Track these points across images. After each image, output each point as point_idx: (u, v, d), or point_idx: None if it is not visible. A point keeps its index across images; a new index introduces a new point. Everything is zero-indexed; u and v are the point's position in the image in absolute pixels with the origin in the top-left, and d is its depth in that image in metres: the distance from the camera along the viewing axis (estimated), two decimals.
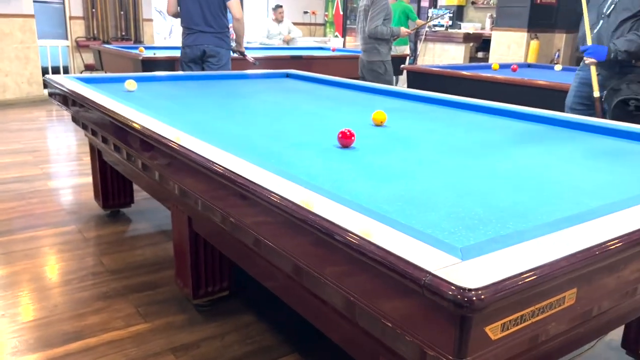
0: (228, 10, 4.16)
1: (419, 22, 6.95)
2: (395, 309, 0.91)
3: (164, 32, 9.41)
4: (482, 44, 8.38)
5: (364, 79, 4.75)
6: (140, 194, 3.25)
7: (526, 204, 1.24)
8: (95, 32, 8.08)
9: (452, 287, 0.78)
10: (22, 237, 2.83)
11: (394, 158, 1.69)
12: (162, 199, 2.34)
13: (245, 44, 4.60)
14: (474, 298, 0.77)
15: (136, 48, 5.54)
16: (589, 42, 2.96)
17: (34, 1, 7.44)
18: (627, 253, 1.00)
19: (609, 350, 1.92)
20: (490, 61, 6.73)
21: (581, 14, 3.07)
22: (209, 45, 4.12)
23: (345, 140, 1.76)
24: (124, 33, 8.28)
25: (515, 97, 3.18)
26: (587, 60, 2.92)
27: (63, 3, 8.04)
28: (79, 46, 7.97)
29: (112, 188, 3.09)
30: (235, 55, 4.45)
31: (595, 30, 2.98)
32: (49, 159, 4.47)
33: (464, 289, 0.77)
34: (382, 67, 4.70)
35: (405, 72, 4.97)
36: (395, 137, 2.03)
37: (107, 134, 2.36)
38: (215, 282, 2.13)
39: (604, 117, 2.86)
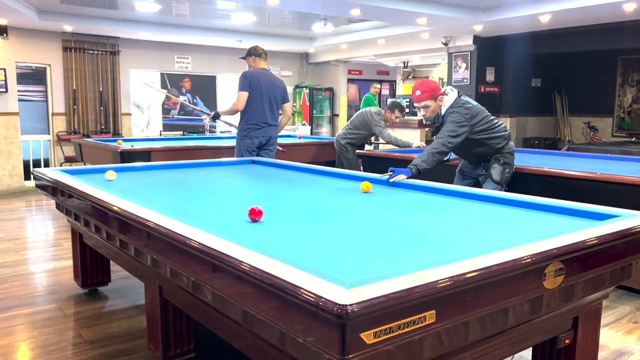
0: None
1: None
2: (307, 328, 1.27)
3: (141, 125, 9.98)
4: (437, 128, 9.10)
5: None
6: (116, 274, 3.55)
7: (407, 253, 1.64)
8: (76, 126, 8.58)
9: (335, 304, 1.15)
10: (4, 316, 3.08)
11: (330, 227, 2.09)
12: (137, 273, 2.66)
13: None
14: (349, 310, 1.14)
15: (115, 141, 5.99)
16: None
17: (19, 100, 7.97)
18: (477, 284, 1.39)
19: None
20: None
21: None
22: (272, 136, 5.03)
23: (253, 215, 2.11)
24: (103, 126, 8.80)
25: (444, 176, 3.68)
26: (394, 179, 3.08)
27: (46, 101, 8.59)
28: (60, 140, 8.42)
29: (91, 268, 3.40)
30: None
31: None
32: (29, 246, 4.74)
33: (341, 305, 1.15)
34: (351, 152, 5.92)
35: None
36: (331, 210, 2.44)
37: (89, 217, 2.71)
38: (182, 344, 2.43)
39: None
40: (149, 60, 9.49)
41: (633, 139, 8.66)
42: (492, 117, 3.74)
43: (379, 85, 10.49)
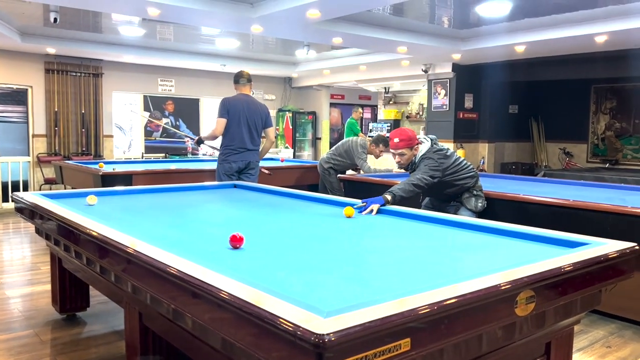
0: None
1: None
2: (286, 357, 1.30)
3: (123, 146, 9.95)
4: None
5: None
6: (95, 298, 3.52)
7: (385, 280, 1.69)
8: (57, 147, 8.53)
9: (312, 333, 1.19)
10: None
11: (311, 253, 2.13)
12: (117, 299, 2.66)
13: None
14: (326, 339, 1.17)
15: (96, 163, 5.97)
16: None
17: None
18: (451, 312, 1.44)
19: None
20: None
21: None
22: (252, 161, 5.05)
23: (234, 242, 2.14)
24: (84, 148, 8.76)
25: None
26: (365, 212, 3.05)
27: (27, 122, 8.53)
28: (40, 161, 8.35)
29: (69, 293, 3.37)
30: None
31: None
32: (6, 269, 4.67)
33: (319, 334, 1.18)
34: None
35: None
36: (312, 235, 2.48)
37: (68, 242, 2.71)
38: None
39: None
40: (133, 82, 9.52)
41: (607, 165, 8.90)
42: (462, 159, 3.97)
43: (361, 110, 10.66)
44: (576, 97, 9.39)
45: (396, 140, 3.77)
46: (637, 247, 2.11)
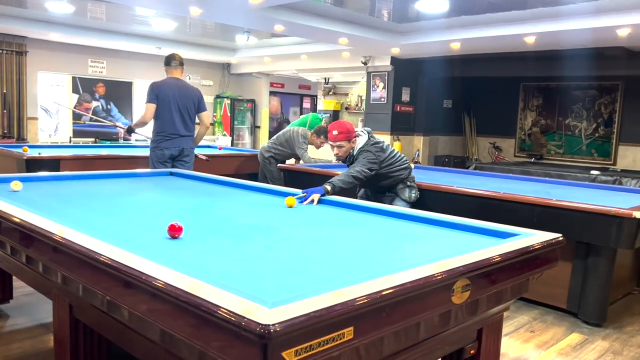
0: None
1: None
2: (228, 347, 1.28)
3: (49, 130, 9.42)
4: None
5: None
6: (19, 290, 3.33)
7: (327, 270, 1.70)
8: None
9: (258, 324, 1.18)
10: None
11: (252, 244, 2.11)
12: (45, 291, 2.52)
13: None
14: (271, 330, 1.17)
15: (20, 147, 5.62)
16: None
17: None
18: (392, 301, 1.47)
19: None
20: None
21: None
22: (186, 147, 4.89)
23: (173, 232, 2.08)
24: (6, 131, 8.23)
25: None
26: (306, 202, 3.06)
27: None
28: None
29: None
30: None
31: None
32: None
33: (264, 324, 1.17)
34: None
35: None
36: (253, 226, 2.46)
37: None
38: None
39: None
40: (60, 62, 9.01)
41: (532, 160, 9.40)
42: (396, 152, 4.08)
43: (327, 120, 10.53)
44: (506, 94, 9.83)
45: (335, 132, 3.82)
46: (561, 238, 2.24)
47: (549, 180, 5.31)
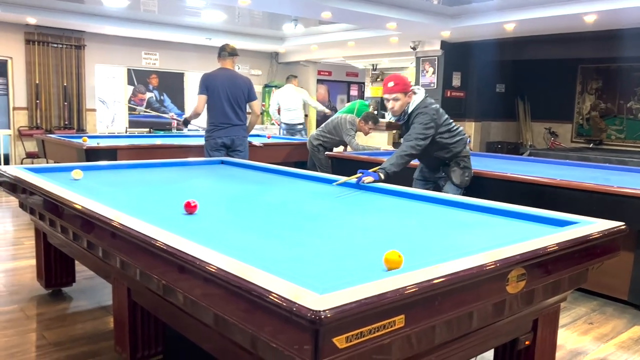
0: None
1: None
2: (279, 332, 1.29)
3: (106, 121, 9.78)
4: (401, 126, 9.26)
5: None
6: (81, 274, 3.49)
7: (378, 258, 1.68)
8: (39, 121, 8.36)
9: (309, 310, 1.18)
10: None
11: (302, 231, 2.12)
12: (104, 275, 2.63)
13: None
14: (322, 316, 1.17)
15: (79, 137, 5.86)
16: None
17: None
18: (444, 289, 1.44)
19: None
20: None
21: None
22: (238, 137, 4.97)
23: (189, 208, 2.24)
24: (67, 122, 8.60)
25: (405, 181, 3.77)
26: (363, 180, 3.15)
27: (7, 94, 8.33)
28: (22, 135, 8.18)
29: (55, 268, 3.33)
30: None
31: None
32: None
33: (315, 311, 1.18)
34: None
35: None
36: (303, 213, 2.47)
37: (54, 217, 2.66)
38: (150, 346, 2.41)
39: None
40: (116, 55, 9.31)
41: (591, 145, 9.00)
42: (451, 120, 3.85)
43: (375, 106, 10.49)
44: (563, 77, 9.42)
45: (391, 84, 3.62)
46: (623, 227, 2.13)
47: (609, 167, 5.07)
